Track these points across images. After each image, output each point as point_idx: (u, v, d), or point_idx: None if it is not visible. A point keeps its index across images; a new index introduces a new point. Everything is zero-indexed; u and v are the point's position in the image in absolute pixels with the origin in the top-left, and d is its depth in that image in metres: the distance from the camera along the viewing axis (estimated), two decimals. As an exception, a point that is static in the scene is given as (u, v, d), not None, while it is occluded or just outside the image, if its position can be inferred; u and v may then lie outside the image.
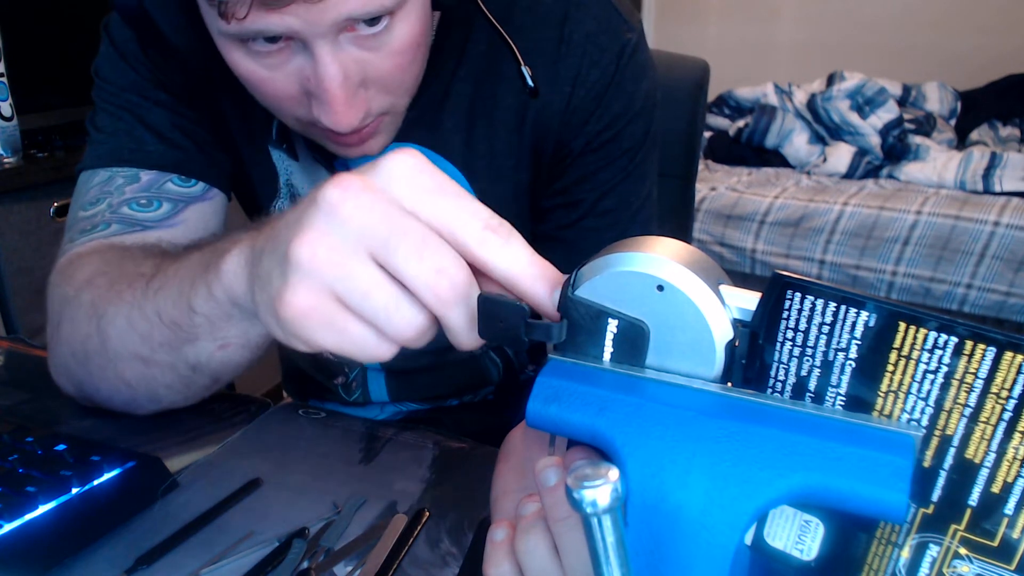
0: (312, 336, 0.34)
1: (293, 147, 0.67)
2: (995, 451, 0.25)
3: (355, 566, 0.46)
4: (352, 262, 0.32)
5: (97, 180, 0.63)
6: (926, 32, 2.94)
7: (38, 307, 1.54)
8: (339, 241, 0.32)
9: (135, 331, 0.50)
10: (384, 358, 0.35)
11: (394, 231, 0.32)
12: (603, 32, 0.63)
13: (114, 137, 0.64)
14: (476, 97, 0.64)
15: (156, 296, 0.48)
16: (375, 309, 0.33)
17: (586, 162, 0.66)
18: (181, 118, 0.64)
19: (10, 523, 0.45)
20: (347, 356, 0.35)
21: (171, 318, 0.47)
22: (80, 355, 0.55)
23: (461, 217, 0.33)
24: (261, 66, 0.50)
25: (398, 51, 0.51)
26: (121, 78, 0.64)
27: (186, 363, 0.50)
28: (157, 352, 0.50)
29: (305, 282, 0.33)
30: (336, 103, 0.49)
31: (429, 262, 0.32)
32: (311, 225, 0.33)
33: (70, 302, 0.55)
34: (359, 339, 0.34)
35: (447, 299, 0.32)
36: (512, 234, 0.33)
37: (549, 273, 0.33)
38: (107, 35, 0.64)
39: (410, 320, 0.33)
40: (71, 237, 0.62)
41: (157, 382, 0.53)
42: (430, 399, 0.81)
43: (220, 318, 0.44)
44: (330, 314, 0.33)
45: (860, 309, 0.26)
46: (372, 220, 0.32)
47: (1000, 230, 2.00)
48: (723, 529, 0.26)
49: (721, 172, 2.60)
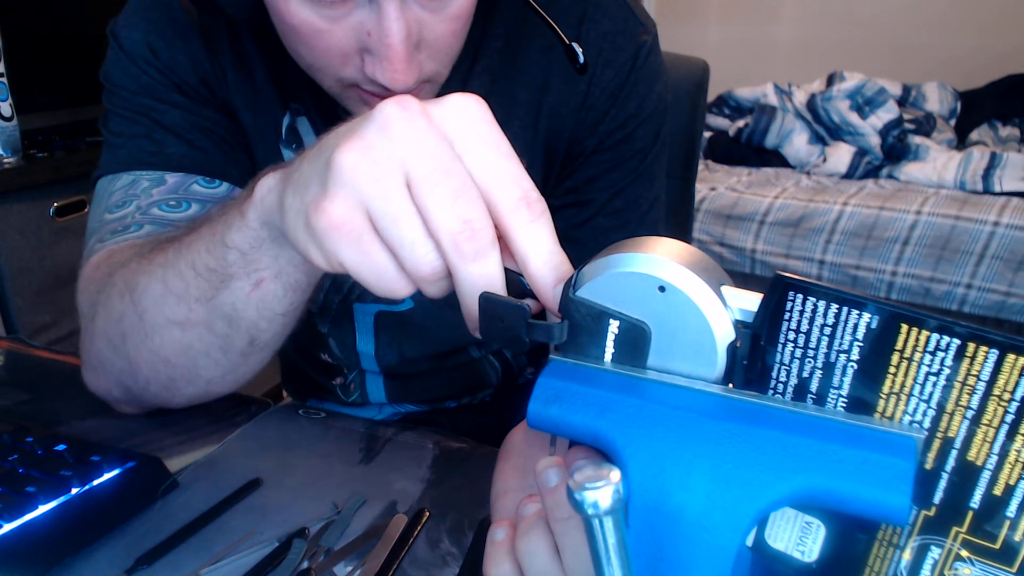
0: (336, 250, 0.34)
1: (303, 146, 0.67)
2: (997, 453, 0.25)
3: (355, 566, 0.46)
4: (391, 182, 0.32)
5: (120, 184, 0.62)
6: (926, 32, 2.94)
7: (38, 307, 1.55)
8: (384, 157, 0.32)
9: (170, 292, 0.49)
10: (398, 294, 0.35)
11: (437, 168, 0.32)
12: (620, 33, 0.64)
13: (133, 140, 0.63)
14: (491, 93, 0.65)
15: (190, 248, 0.48)
16: (401, 239, 0.33)
17: (598, 161, 0.66)
18: (198, 118, 0.64)
19: (10, 523, 0.45)
20: (363, 281, 0.34)
21: (205, 265, 0.47)
22: (116, 338, 0.54)
23: (503, 179, 0.32)
24: (321, 17, 0.49)
25: (455, 16, 0.52)
26: (132, 82, 0.63)
27: (223, 315, 0.48)
28: (193, 310, 0.49)
29: (343, 192, 0.32)
30: (398, 59, 0.49)
31: (459, 210, 0.31)
32: (361, 134, 0.32)
33: (104, 290, 0.54)
34: (379, 266, 0.34)
35: (464, 252, 0.32)
36: (543, 215, 0.33)
37: (561, 265, 0.33)
38: (115, 40, 0.64)
39: (430, 260, 0.33)
40: (101, 238, 0.60)
41: (195, 349, 0.52)
42: (428, 401, 0.81)
43: (252, 247, 0.44)
44: (359, 232, 0.33)
45: (862, 311, 0.26)
46: (420, 149, 0.32)
47: (1000, 230, 2.00)
48: (724, 531, 0.26)
49: (721, 172, 2.60)
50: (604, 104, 0.64)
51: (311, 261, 0.36)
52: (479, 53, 0.64)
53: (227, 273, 0.46)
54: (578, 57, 0.58)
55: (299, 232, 0.36)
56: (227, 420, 0.63)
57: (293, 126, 0.66)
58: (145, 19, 0.63)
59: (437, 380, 0.78)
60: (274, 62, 0.64)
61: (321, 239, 0.34)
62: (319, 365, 0.79)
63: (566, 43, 0.58)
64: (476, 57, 0.64)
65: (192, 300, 0.49)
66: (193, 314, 0.49)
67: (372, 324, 0.73)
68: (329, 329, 0.75)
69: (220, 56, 0.64)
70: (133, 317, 0.52)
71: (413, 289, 0.35)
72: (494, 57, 0.64)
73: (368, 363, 0.76)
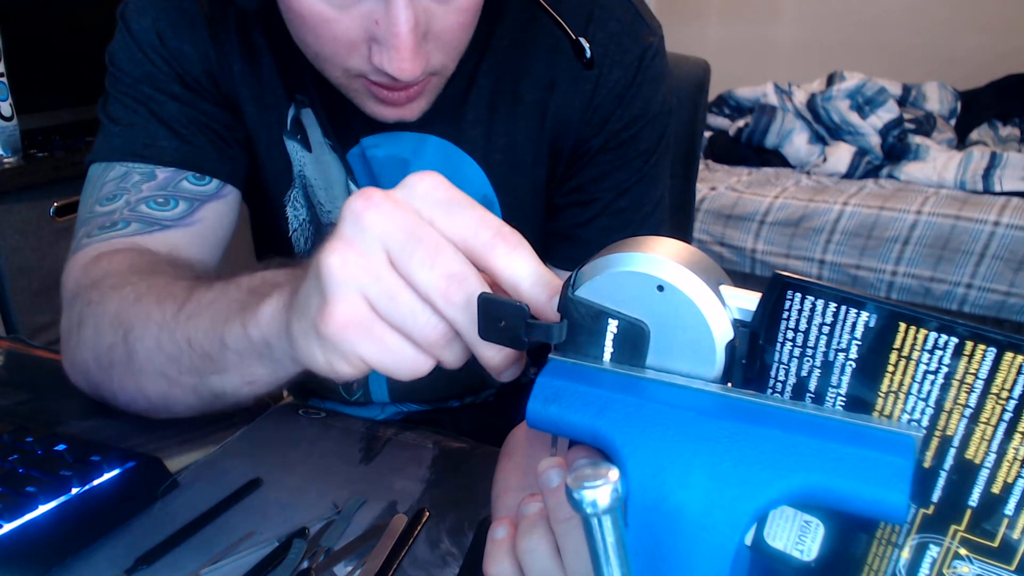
0: (354, 348, 0.35)
1: (307, 138, 0.67)
2: (995, 452, 0.25)
3: (355, 566, 0.46)
4: (376, 264, 0.33)
5: (112, 175, 0.63)
6: (926, 32, 2.94)
7: (38, 307, 1.55)
8: (365, 247, 0.33)
9: (163, 352, 0.50)
10: (422, 371, 0.36)
11: (410, 237, 0.33)
12: (626, 34, 0.64)
13: (129, 130, 0.63)
14: (497, 91, 0.65)
15: (188, 323, 0.48)
16: (402, 313, 0.34)
17: (603, 161, 0.67)
18: (196, 112, 0.64)
19: (10, 523, 0.45)
20: (389, 371, 0.35)
21: (202, 348, 0.47)
22: (104, 362, 0.54)
23: (473, 226, 0.33)
24: (330, 5, 0.49)
25: (463, 9, 0.52)
26: (136, 69, 0.63)
27: (211, 391, 0.50)
28: (184, 375, 0.50)
29: (341, 291, 0.33)
30: (406, 49, 0.49)
31: (441, 268, 0.32)
32: (339, 236, 0.34)
33: (94, 306, 0.55)
34: (397, 349, 0.35)
35: (458, 303, 0.33)
36: (520, 244, 0.34)
37: (550, 280, 0.33)
38: (124, 23, 0.64)
39: (434, 325, 0.34)
40: (88, 232, 0.61)
41: (178, 401, 0.53)
42: (431, 400, 0.81)
43: (251, 356, 0.45)
44: (368, 322, 0.34)
45: (860, 309, 0.26)
46: (391, 227, 0.33)
47: (1000, 230, 2.00)
48: (723, 529, 0.26)
49: (721, 172, 2.60)
50: (610, 104, 0.64)
51: (335, 372, 0.37)
52: (486, 52, 0.64)
53: (222, 365, 0.47)
54: (585, 52, 0.58)
55: (315, 350, 0.36)
56: (227, 420, 0.63)
57: (298, 118, 0.66)
58: (155, 5, 0.63)
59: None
60: (281, 54, 0.64)
61: (336, 344, 0.35)
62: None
63: (573, 38, 0.58)
64: (483, 56, 0.64)
65: (183, 367, 0.50)
66: (183, 377, 0.50)
67: None
68: None
69: (227, 47, 0.64)
70: (123, 353, 0.52)
71: (433, 362, 0.36)
72: (501, 56, 0.64)
73: None
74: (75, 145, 1.64)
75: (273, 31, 0.63)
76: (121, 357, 0.53)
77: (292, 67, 0.64)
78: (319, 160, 0.68)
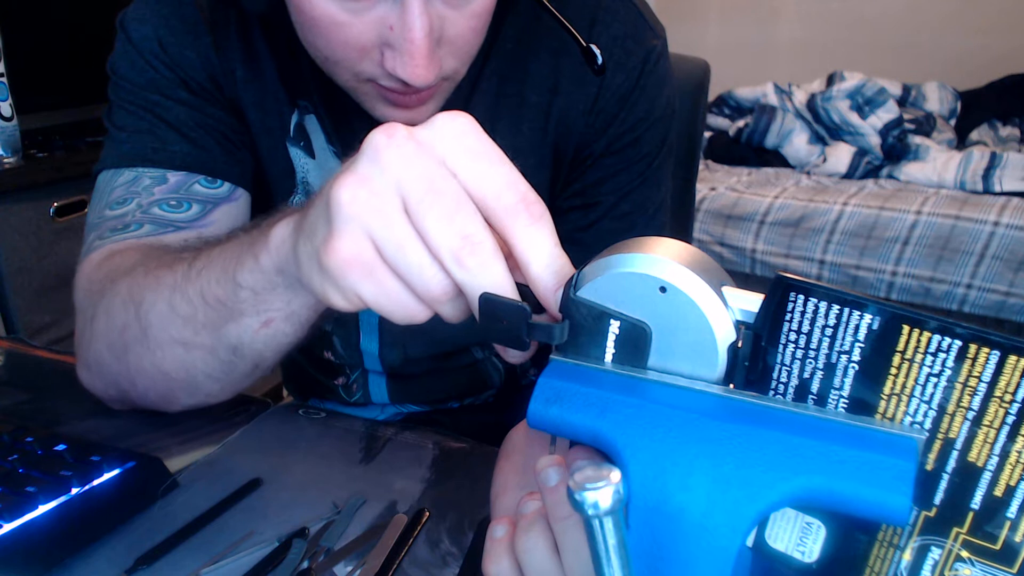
0: (353, 286, 0.34)
1: (310, 144, 0.67)
2: (998, 454, 0.25)
3: (355, 566, 0.46)
4: (389, 210, 0.32)
5: (122, 180, 0.62)
6: (926, 32, 2.94)
7: (38, 307, 1.55)
8: (379, 187, 0.32)
9: (177, 314, 0.49)
10: (417, 319, 0.35)
11: (430, 189, 0.32)
12: (630, 37, 0.64)
13: (137, 135, 0.62)
14: (501, 94, 0.65)
15: (200, 276, 0.48)
16: (408, 265, 0.33)
17: (606, 164, 0.66)
18: (203, 116, 0.64)
19: (10, 523, 0.45)
20: (384, 313, 0.35)
21: (215, 296, 0.47)
22: (118, 347, 0.54)
23: (498, 186, 0.32)
24: (343, 9, 0.49)
25: (476, 14, 0.52)
26: (139, 76, 0.63)
27: (228, 345, 0.49)
28: (200, 334, 0.49)
29: (347, 227, 0.33)
30: (420, 55, 0.49)
31: (457, 227, 0.32)
32: (353, 169, 0.33)
33: (106, 294, 0.54)
34: (395, 295, 0.34)
35: (468, 266, 0.32)
36: (543, 217, 0.33)
37: (563, 268, 0.33)
38: (124, 32, 0.63)
39: (439, 281, 0.33)
40: (100, 235, 0.60)
41: (197, 369, 0.52)
42: (431, 402, 0.81)
43: (265, 289, 0.44)
44: (370, 264, 0.33)
45: (863, 312, 0.26)
46: (411, 173, 0.32)
47: (1000, 230, 2.00)
48: (725, 531, 0.26)
49: (721, 172, 2.59)
50: (614, 107, 0.64)
51: (331, 303, 0.37)
52: (490, 54, 0.64)
53: (237, 308, 0.46)
54: (596, 59, 0.58)
55: (315, 276, 0.36)
56: (227, 420, 0.63)
57: (301, 124, 0.66)
58: (155, 12, 0.62)
59: (440, 380, 0.78)
60: (284, 59, 0.64)
61: (336, 278, 0.34)
62: (321, 364, 0.79)
63: (583, 45, 0.58)
64: (487, 58, 0.64)
65: (199, 325, 0.49)
66: (199, 338, 0.50)
67: (376, 323, 0.73)
68: (333, 327, 0.75)
69: (229, 52, 0.63)
70: (136, 330, 0.52)
71: (431, 313, 0.35)
72: (505, 58, 0.64)
73: (371, 362, 0.76)
74: (75, 145, 1.63)
75: (276, 37, 0.63)
76: (135, 335, 0.52)
77: (295, 72, 0.64)
78: (323, 167, 0.68)
